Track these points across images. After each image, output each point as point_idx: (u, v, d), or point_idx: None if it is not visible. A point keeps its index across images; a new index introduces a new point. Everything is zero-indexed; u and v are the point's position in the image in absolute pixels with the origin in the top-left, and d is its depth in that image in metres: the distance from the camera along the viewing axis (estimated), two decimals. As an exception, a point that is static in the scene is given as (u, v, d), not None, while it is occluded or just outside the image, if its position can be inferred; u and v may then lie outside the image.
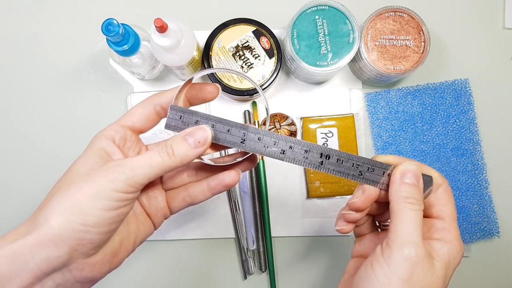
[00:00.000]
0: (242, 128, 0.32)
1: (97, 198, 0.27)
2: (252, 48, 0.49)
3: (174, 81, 0.54)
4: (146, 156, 0.29)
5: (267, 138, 0.32)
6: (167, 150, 0.30)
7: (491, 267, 0.53)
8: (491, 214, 0.52)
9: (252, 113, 0.53)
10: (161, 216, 0.36)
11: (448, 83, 0.53)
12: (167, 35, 0.41)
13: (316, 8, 0.47)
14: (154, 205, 0.35)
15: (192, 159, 0.30)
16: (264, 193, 0.51)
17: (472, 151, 0.53)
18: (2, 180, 0.53)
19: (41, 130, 0.53)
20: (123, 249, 0.32)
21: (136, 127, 0.33)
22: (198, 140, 0.30)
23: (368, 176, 0.32)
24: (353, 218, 0.32)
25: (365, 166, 0.32)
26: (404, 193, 0.30)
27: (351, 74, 0.54)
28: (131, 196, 0.29)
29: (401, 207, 0.29)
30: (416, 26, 0.49)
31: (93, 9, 0.54)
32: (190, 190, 0.35)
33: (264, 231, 0.51)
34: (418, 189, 0.30)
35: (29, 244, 0.26)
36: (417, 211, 0.29)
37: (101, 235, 0.28)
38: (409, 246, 0.28)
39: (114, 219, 0.29)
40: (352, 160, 0.32)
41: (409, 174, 0.30)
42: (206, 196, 0.35)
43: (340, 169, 0.32)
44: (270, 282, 0.51)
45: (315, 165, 0.32)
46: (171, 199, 0.36)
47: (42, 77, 0.54)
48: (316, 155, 0.32)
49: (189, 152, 0.30)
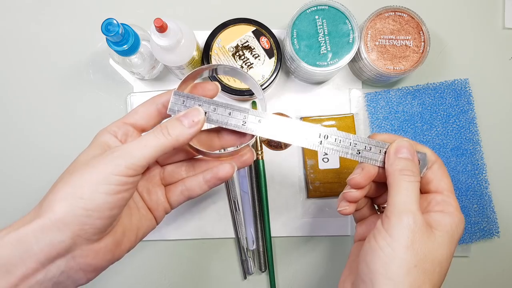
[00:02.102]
0: (243, 111, 0.33)
1: (98, 182, 0.28)
2: (252, 48, 0.49)
3: (174, 81, 0.54)
4: (142, 139, 0.31)
5: (268, 121, 0.33)
6: (162, 130, 0.31)
7: (491, 267, 0.53)
8: (491, 214, 0.52)
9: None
10: (162, 210, 0.37)
11: (448, 83, 0.53)
12: (167, 35, 0.41)
13: (316, 8, 0.47)
14: (154, 200, 0.36)
15: (187, 138, 0.31)
16: (264, 193, 0.51)
17: (472, 151, 0.53)
18: (2, 180, 0.53)
19: (41, 129, 0.53)
20: (126, 239, 0.33)
21: (138, 125, 0.34)
22: (192, 119, 0.31)
23: (365, 155, 0.33)
24: (353, 196, 0.33)
25: (362, 144, 0.33)
26: (399, 166, 0.31)
27: (351, 74, 0.54)
28: (131, 180, 0.30)
29: (397, 179, 0.31)
30: (416, 26, 0.49)
31: (93, 9, 0.54)
32: (187, 184, 0.37)
33: (264, 231, 0.51)
34: (413, 162, 0.31)
35: (34, 229, 0.27)
36: (413, 182, 0.30)
37: (103, 219, 0.29)
38: (407, 215, 0.29)
39: (115, 204, 0.29)
40: (350, 139, 0.33)
41: (403, 149, 0.32)
42: (202, 189, 0.36)
43: (338, 148, 0.33)
44: (270, 282, 0.51)
45: (315, 145, 0.33)
46: (170, 193, 0.37)
47: (42, 76, 0.54)
48: (315, 136, 0.33)
49: (184, 131, 0.31)
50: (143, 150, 0.30)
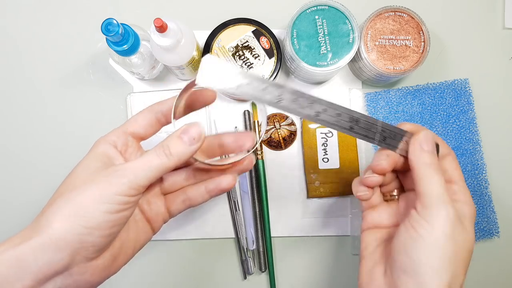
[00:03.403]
0: (279, 87, 0.32)
1: (100, 201, 0.28)
2: (252, 48, 0.49)
3: (174, 81, 0.54)
4: (145, 159, 0.30)
5: (303, 100, 0.32)
6: (164, 150, 0.30)
7: (490, 267, 0.53)
8: (491, 214, 0.52)
9: (252, 113, 0.53)
10: (161, 221, 0.37)
11: (448, 83, 0.53)
12: (166, 35, 0.41)
13: (316, 8, 0.47)
14: (155, 210, 0.36)
15: (189, 156, 0.31)
16: (264, 193, 0.51)
17: (472, 151, 0.53)
18: (1, 181, 0.53)
19: (41, 129, 0.53)
20: (123, 254, 0.33)
21: (137, 134, 0.34)
22: (193, 137, 0.31)
23: (389, 142, 0.34)
24: (375, 181, 0.34)
25: (388, 132, 0.34)
26: (427, 159, 0.32)
27: (351, 74, 0.54)
28: (133, 199, 0.30)
29: (428, 172, 0.31)
30: (415, 26, 0.49)
31: (93, 9, 0.54)
32: (189, 193, 0.36)
33: (264, 231, 0.51)
34: (436, 156, 0.33)
35: (32, 247, 0.27)
36: (440, 175, 0.31)
37: (104, 238, 0.29)
38: (446, 206, 0.30)
39: (116, 222, 0.29)
40: (377, 126, 0.34)
41: (428, 142, 0.32)
42: (204, 199, 0.36)
43: (367, 133, 0.33)
44: (270, 282, 0.51)
45: (345, 129, 0.33)
46: (170, 202, 0.37)
47: (42, 77, 0.54)
48: (346, 120, 0.33)
49: (185, 150, 0.31)
50: (146, 172, 0.30)
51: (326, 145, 0.52)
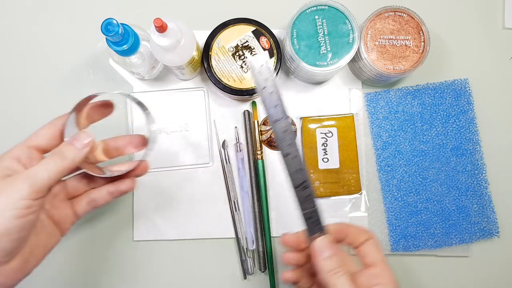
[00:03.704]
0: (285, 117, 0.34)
1: (5, 208, 0.30)
2: (251, 48, 0.49)
3: (174, 81, 0.54)
4: (42, 163, 0.34)
5: (289, 137, 0.34)
6: (59, 155, 0.34)
7: (490, 267, 0.53)
8: (491, 214, 0.52)
9: (252, 113, 0.53)
10: (69, 223, 0.39)
11: (448, 83, 0.53)
12: (166, 35, 0.41)
13: (316, 8, 0.47)
14: (62, 214, 0.38)
15: (81, 158, 0.35)
16: (264, 193, 0.51)
17: (472, 151, 0.53)
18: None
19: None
20: (34, 257, 0.35)
21: (41, 147, 0.36)
22: (83, 143, 0.35)
23: (310, 224, 0.35)
24: (290, 257, 0.37)
25: (316, 216, 0.35)
26: (327, 267, 0.33)
27: (350, 74, 0.54)
28: (37, 203, 0.32)
29: (331, 280, 0.32)
30: (415, 26, 0.49)
31: (92, 9, 0.54)
32: (93, 196, 0.40)
33: (264, 231, 0.51)
34: (336, 257, 0.33)
35: None
36: (344, 276, 0.32)
37: (12, 242, 0.31)
38: None
39: (23, 226, 0.31)
40: (315, 206, 0.34)
41: (324, 250, 0.34)
42: (107, 200, 0.40)
43: (303, 201, 0.35)
44: (270, 282, 0.51)
45: (293, 187, 0.35)
46: (76, 205, 0.40)
47: (42, 77, 0.54)
48: (300, 178, 0.35)
49: (77, 153, 0.35)
50: (44, 174, 0.33)
51: (326, 145, 0.52)
